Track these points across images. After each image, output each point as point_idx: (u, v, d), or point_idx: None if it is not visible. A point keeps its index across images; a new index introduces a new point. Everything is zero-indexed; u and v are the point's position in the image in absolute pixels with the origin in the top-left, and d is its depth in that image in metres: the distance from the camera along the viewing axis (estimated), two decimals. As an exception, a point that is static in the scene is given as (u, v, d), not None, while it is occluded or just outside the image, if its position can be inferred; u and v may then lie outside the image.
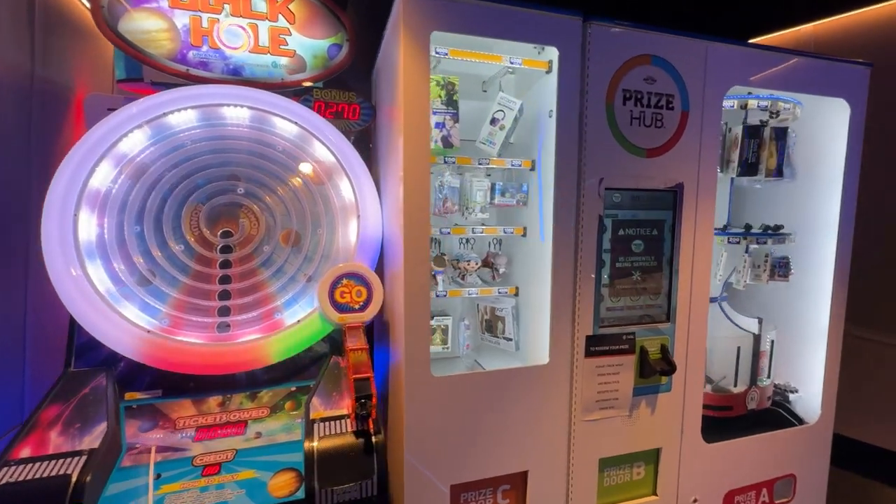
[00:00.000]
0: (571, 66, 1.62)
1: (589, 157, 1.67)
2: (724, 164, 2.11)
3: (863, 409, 2.80)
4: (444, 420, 1.59)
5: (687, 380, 1.92)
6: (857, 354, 2.76)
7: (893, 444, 2.70)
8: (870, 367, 2.76)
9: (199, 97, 1.87)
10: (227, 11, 2.03)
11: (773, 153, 2.10)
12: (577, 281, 1.71)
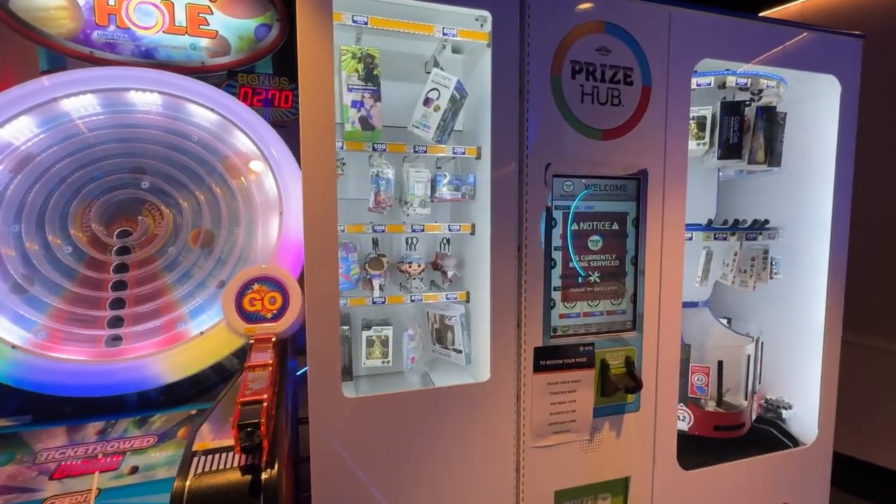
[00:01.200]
0: (508, 33, 1.39)
1: (533, 140, 1.43)
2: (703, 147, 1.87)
3: (865, 424, 2.50)
4: (359, 449, 1.34)
5: (659, 397, 1.66)
6: (858, 363, 2.47)
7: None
8: (869, 376, 2.47)
9: (97, 80, 1.66)
10: (138, -13, 1.81)
11: (758, 135, 1.85)
12: (523, 284, 1.47)
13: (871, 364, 2.48)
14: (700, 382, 1.89)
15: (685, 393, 1.92)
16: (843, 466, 2.59)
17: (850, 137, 1.86)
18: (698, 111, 1.84)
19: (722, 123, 1.82)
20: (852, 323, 2.56)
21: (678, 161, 1.61)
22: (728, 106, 1.79)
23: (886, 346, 2.42)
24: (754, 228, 1.90)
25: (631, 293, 1.60)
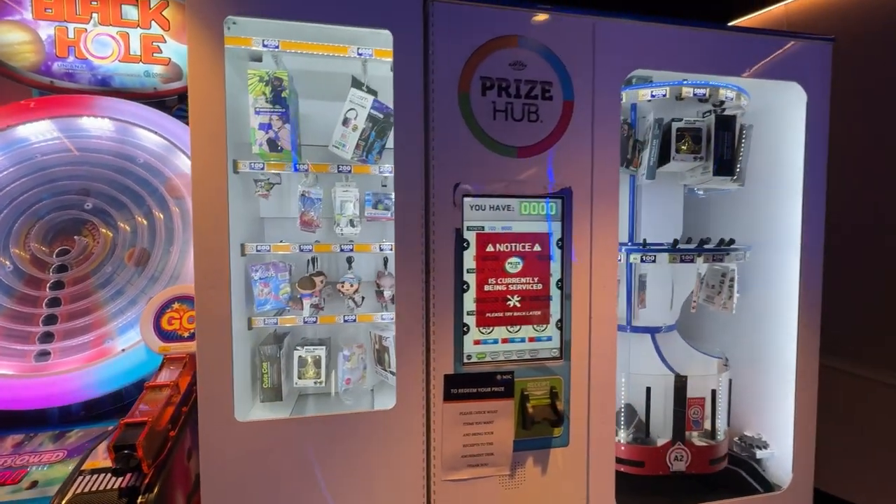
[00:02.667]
0: (410, 52, 1.36)
1: (439, 159, 1.39)
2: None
3: (846, 460, 2.22)
4: (253, 477, 1.32)
5: (592, 432, 1.54)
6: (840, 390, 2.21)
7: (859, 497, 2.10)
8: (846, 404, 2.19)
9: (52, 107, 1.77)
10: (96, 21, 1.93)
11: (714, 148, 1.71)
12: (431, 308, 1.41)
13: (861, 394, 2.20)
14: (696, 416, 1.74)
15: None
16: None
17: (821, 150, 1.68)
18: (693, 122, 1.74)
19: (717, 138, 1.70)
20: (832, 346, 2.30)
21: (608, 178, 1.51)
22: (721, 120, 1.68)
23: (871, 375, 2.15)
24: (710, 249, 1.75)
25: (557, 319, 1.51)
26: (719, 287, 1.90)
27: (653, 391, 1.77)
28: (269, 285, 1.72)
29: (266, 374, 1.75)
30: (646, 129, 1.78)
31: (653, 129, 1.71)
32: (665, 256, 1.74)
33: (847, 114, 2.23)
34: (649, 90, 1.67)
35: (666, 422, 1.78)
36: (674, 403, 1.78)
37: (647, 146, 1.73)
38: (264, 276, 1.70)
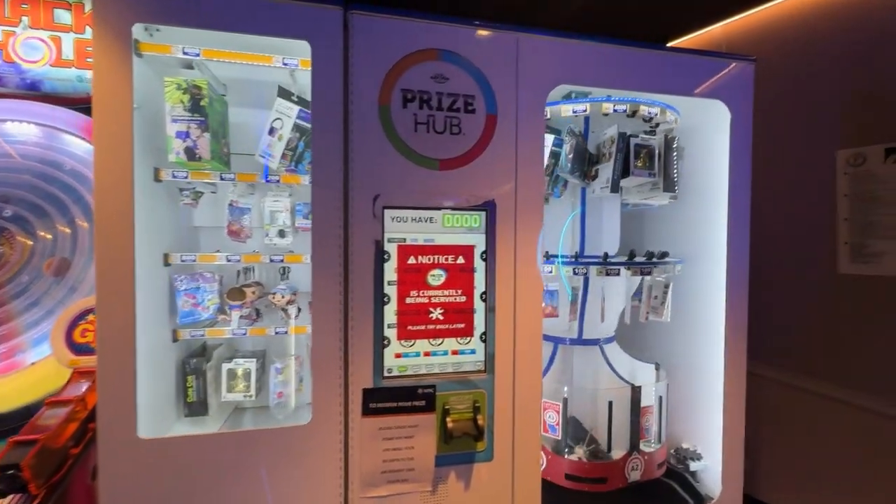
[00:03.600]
0: (329, 64, 1.36)
1: (359, 171, 1.38)
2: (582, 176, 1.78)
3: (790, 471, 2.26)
4: (156, 499, 1.27)
5: (516, 446, 1.53)
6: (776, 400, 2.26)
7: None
8: (794, 414, 2.24)
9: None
10: (26, 24, 1.88)
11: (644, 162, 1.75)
12: (349, 320, 1.39)
13: (789, 400, 2.25)
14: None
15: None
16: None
17: (744, 165, 1.73)
18: (647, 140, 1.76)
19: (667, 156, 1.74)
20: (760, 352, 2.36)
21: (532, 191, 1.52)
22: (669, 139, 1.71)
23: (800, 384, 2.19)
24: (640, 263, 1.77)
25: (481, 332, 1.50)
26: (662, 297, 1.93)
27: (603, 403, 1.78)
28: (196, 296, 1.68)
29: (191, 388, 1.70)
30: (604, 143, 1.80)
31: (617, 143, 1.74)
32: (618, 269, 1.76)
33: (784, 130, 2.31)
34: (570, 106, 1.70)
35: (617, 433, 1.79)
36: (630, 413, 1.78)
37: (612, 159, 1.74)
38: (189, 287, 1.66)
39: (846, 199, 2.06)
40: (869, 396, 2.03)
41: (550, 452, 1.79)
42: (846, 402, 2.10)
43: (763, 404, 2.42)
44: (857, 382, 2.05)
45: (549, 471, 1.78)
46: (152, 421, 1.50)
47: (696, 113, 1.83)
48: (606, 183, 1.77)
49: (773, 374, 2.36)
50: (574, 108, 1.73)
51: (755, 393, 2.46)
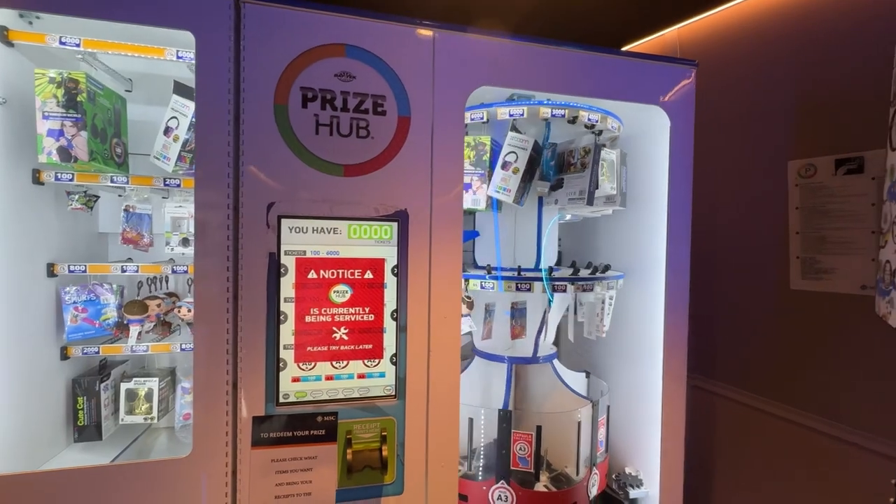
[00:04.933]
0: (217, 58, 1.23)
1: (251, 177, 1.25)
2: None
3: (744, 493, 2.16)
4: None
5: (430, 477, 1.40)
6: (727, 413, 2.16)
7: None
8: (744, 433, 2.15)
9: None
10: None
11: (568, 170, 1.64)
12: (238, 341, 1.25)
13: (736, 417, 2.15)
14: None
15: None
16: None
17: (685, 175, 1.63)
18: (609, 154, 1.66)
19: (594, 165, 1.62)
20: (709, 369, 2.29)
21: (451, 201, 1.40)
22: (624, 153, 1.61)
23: (749, 402, 2.10)
24: (582, 279, 1.66)
25: (392, 353, 1.37)
26: (600, 313, 1.82)
27: (561, 423, 1.66)
28: (89, 310, 1.54)
29: (81, 410, 1.55)
30: (572, 152, 1.70)
31: (593, 154, 1.64)
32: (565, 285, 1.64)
33: (739, 138, 2.22)
34: (505, 109, 1.59)
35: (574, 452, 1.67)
36: (497, 438, 1.64)
37: (588, 170, 1.64)
38: (80, 300, 1.51)
39: (798, 212, 1.98)
40: (818, 418, 1.94)
41: (519, 487, 1.64)
42: (796, 423, 2.01)
43: (719, 423, 2.32)
44: (806, 403, 1.96)
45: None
46: (28, 450, 1.35)
47: (640, 120, 1.73)
48: (580, 194, 1.66)
49: (729, 392, 2.27)
50: (510, 111, 1.62)
51: (713, 411, 2.37)
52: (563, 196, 1.73)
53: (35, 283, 1.42)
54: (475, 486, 1.60)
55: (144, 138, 1.63)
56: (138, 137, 1.64)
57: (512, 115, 1.62)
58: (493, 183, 1.61)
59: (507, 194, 1.61)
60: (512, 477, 1.60)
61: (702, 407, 2.35)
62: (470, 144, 1.64)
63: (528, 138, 1.61)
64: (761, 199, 2.09)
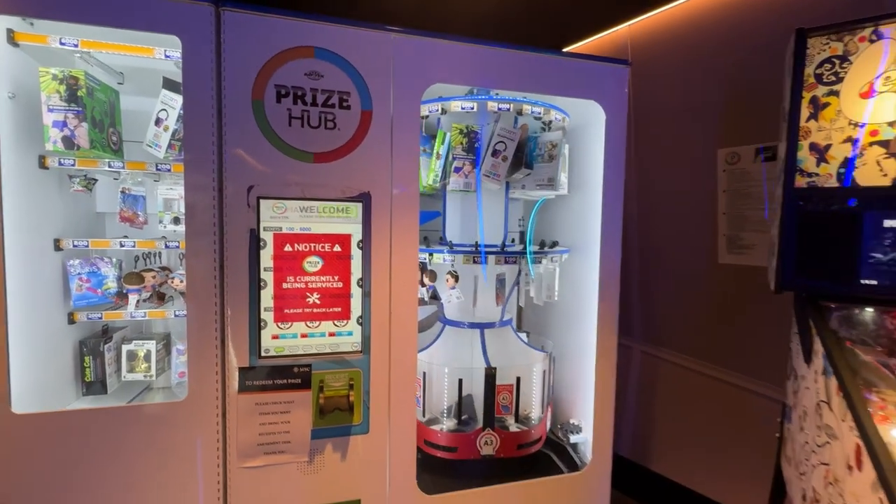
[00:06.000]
0: (201, 59, 1.41)
1: (232, 163, 1.45)
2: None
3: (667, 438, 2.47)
4: (34, 476, 1.35)
5: (392, 420, 1.65)
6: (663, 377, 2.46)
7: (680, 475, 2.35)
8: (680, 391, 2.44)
9: None
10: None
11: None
12: (224, 305, 1.48)
13: (674, 378, 2.46)
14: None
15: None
16: (649, 480, 2.58)
17: (618, 163, 1.86)
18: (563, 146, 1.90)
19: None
20: (654, 336, 2.57)
21: (408, 184, 1.62)
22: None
23: (684, 363, 2.40)
24: (512, 252, 1.90)
25: (358, 315, 1.61)
26: (552, 282, 2.08)
27: (474, 383, 1.93)
28: (91, 280, 1.74)
29: (88, 368, 1.77)
30: (542, 144, 1.94)
31: (560, 146, 1.87)
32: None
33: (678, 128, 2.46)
34: (458, 103, 1.79)
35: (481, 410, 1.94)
36: (484, 392, 1.92)
37: (555, 161, 1.89)
38: (83, 272, 1.72)
39: (725, 195, 2.23)
40: (740, 375, 2.23)
41: (501, 431, 1.90)
42: (720, 380, 2.30)
43: (654, 382, 2.62)
44: (727, 361, 2.25)
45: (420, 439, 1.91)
46: (43, 398, 1.57)
47: (585, 113, 1.94)
48: (548, 182, 1.90)
49: (665, 355, 2.55)
50: (462, 105, 1.83)
51: (649, 371, 2.66)
52: (531, 182, 1.96)
53: (44, 256, 1.61)
54: (465, 437, 1.86)
55: (137, 127, 1.81)
56: (131, 126, 1.81)
57: (464, 108, 1.83)
58: (483, 168, 1.84)
59: (497, 179, 1.85)
60: (496, 423, 1.87)
61: (648, 370, 2.64)
62: (462, 132, 1.85)
63: (516, 130, 1.84)
64: (696, 183, 2.34)
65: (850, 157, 1.33)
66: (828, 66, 1.35)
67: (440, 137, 1.85)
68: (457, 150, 1.85)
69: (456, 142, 1.85)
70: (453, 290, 1.92)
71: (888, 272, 1.27)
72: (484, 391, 1.87)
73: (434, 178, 1.86)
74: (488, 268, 1.96)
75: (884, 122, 1.28)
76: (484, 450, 1.87)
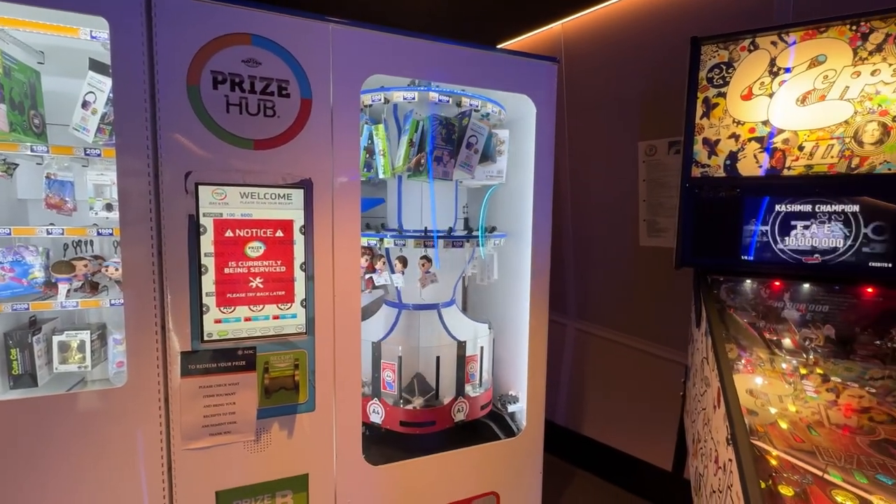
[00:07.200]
0: (131, 42, 1.39)
1: (168, 149, 1.45)
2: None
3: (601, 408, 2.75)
4: (-42, 461, 1.32)
5: (338, 397, 1.74)
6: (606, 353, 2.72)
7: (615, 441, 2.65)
8: (600, 363, 2.71)
9: None
10: None
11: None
12: (165, 291, 1.48)
13: (603, 351, 2.72)
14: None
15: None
16: (581, 444, 2.85)
17: (548, 152, 2.01)
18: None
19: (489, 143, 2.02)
20: (586, 314, 2.81)
21: (349, 172, 1.68)
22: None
23: (611, 336, 2.66)
24: (471, 236, 2.02)
25: (302, 298, 1.66)
26: (491, 264, 2.22)
27: (442, 358, 2.06)
28: (15, 270, 1.67)
29: (15, 361, 1.71)
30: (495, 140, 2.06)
31: (507, 143, 2.02)
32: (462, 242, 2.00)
33: (607, 122, 2.66)
34: (400, 93, 1.87)
35: (450, 383, 2.08)
36: (455, 365, 2.07)
37: (504, 156, 2.06)
38: (5, 261, 1.65)
39: (644, 184, 2.46)
40: (657, 345, 2.49)
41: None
42: (641, 350, 2.56)
43: (586, 356, 2.86)
44: (643, 331, 2.51)
45: (388, 420, 2.03)
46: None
47: (519, 106, 2.07)
48: (497, 174, 2.09)
49: (595, 330, 2.80)
50: (405, 95, 1.91)
51: (581, 346, 2.90)
52: (482, 173, 2.09)
53: (-40, 245, 1.54)
54: (441, 410, 2.01)
55: (60, 109, 1.74)
56: (55, 109, 1.74)
57: (405, 98, 1.91)
58: (459, 159, 1.95)
59: (470, 170, 1.97)
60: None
61: (581, 345, 2.88)
62: (443, 122, 1.92)
63: (485, 126, 1.96)
64: (622, 173, 2.56)
65: (734, 151, 1.55)
66: (717, 71, 1.55)
67: (413, 126, 1.91)
68: (436, 141, 1.93)
69: (437, 132, 1.92)
70: (402, 275, 2.03)
71: (760, 249, 1.51)
72: (456, 363, 2.01)
73: (405, 164, 1.92)
74: (440, 252, 2.07)
75: (759, 121, 1.50)
76: (457, 417, 2.01)
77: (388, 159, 1.96)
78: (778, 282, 1.54)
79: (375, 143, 1.96)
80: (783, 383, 1.35)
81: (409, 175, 1.97)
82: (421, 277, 2.02)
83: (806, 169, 1.46)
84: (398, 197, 2.14)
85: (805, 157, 1.46)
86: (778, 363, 1.41)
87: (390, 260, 2.06)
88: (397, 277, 2.02)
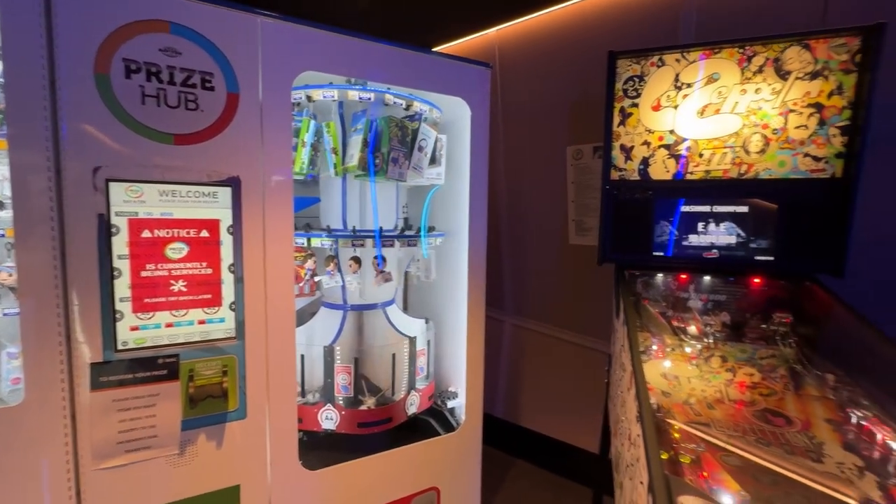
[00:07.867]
0: (25, 23, 1.26)
1: (73, 142, 1.33)
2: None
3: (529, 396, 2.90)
4: None
5: (272, 402, 1.68)
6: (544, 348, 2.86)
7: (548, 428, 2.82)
8: (533, 355, 2.87)
9: None
10: None
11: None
12: (70, 297, 1.35)
13: (537, 345, 2.87)
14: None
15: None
16: (518, 434, 2.98)
17: (482, 154, 2.08)
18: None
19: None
20: (522, 310, 2.95)
21: (281, 170, 1.63)
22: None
23: (544, 331, 2.81)
24: (404, 236, 2.03)
25: (231, 301, 1.59)
26: (428, 264, 2.25)
27: (388, 356, 2.04)
28: None
29: None
30: (437, 145, 2.06)
31: (445, 148, 2.06)
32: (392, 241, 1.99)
33: (538, 127, 2.79)
34: (321, 91, 1.85)
35: (403, 378, 2.07)
36: (407, 361, 2.07)
37: (443, 158, 2.10)
38: None
39: (573, 186, 2.62)
40: (586, 337, 2.65)
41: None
42: (572, 342, 2.71)
43: (522, 350, 2.99)
44: (572, 325, 2.67)
45: (344, 425, 1.98)
46: None
47: (456, 108, 2.12)
48: (437, 176, 2.14)
49: (530, 325, 2.93)
50: (324, 94, 1.89)
51: (518, 341, 3.02)
52: (426, 173, 2.11)
53: None
54: (396, 406, 1.98)
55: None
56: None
57: (325, 96, 1.90)
58: (412, 161, 1.97)
59: (421, 172, 1.99)
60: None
61: (517, 340, 2.99)
62: (398, 124, 1.90)
63: (433, 130, 1.99)
64: (553, 176, 2.70)
65: (646, 157, 1.71)
66: (631, 83, 1.70)
67: (305, 125, 1.87)
68: (393, 143, 1.91)
69: (393, 134, 1.90)
70: (355, 276, 2.00)
71: (669, 246, 1.67)
72: (408, 357, 2.01)
73: (301, 166, 1.88)
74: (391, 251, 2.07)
75: (666, 130, 1.66)
76: (409, 410, 2.00)
77: (339, 157, 1.92)
78: (684, 275, 1.72)
79: (325, 141, 1.91)
80: (689, 366, 1.52)
81: (357, 175, 1.95)
82: (376, 277, 2.00)
83: (705, 174, 1.64)
84: (342, 196, 2.11)
85: (704, 164, 1.64)
86: (684, 348, 1.58)
87: (340, 261, 2.03)
88: (351, 278, 1.99)
